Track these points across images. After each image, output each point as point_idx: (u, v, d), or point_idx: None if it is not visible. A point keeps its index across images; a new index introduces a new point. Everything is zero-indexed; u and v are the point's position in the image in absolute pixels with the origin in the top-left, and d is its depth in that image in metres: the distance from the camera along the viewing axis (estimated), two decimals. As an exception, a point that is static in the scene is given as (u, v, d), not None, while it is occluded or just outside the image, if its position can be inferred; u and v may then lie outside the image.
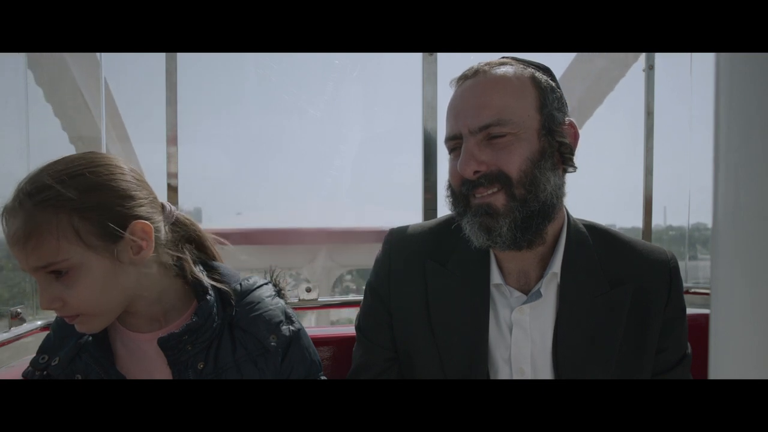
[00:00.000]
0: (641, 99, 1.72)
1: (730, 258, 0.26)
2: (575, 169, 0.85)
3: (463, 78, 0.86)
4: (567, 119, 0.85)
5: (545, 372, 0.85)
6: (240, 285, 0.86)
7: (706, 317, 1.29)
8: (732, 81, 0.26)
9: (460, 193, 0.84)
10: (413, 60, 1.55)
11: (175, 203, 1.38)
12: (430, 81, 1.50)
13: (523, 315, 0.84)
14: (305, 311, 1.49)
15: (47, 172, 0.69)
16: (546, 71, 0.86)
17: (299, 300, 1.43)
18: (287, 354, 0.83)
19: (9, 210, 0.68)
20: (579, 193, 0.93)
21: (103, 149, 1.49)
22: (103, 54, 1.49)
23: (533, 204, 0.80)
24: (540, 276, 0.86)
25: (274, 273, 0.94)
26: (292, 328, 0.85)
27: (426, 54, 1.50)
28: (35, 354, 0.79)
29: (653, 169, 1.70)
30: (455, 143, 0.85)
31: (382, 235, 1.00)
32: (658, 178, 1.71)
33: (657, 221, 1.72)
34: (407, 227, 0.98)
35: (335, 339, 1.16)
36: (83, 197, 0.69)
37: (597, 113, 2.12)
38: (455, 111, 0.84)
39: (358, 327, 0.97)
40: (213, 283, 0.82)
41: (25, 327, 1.20)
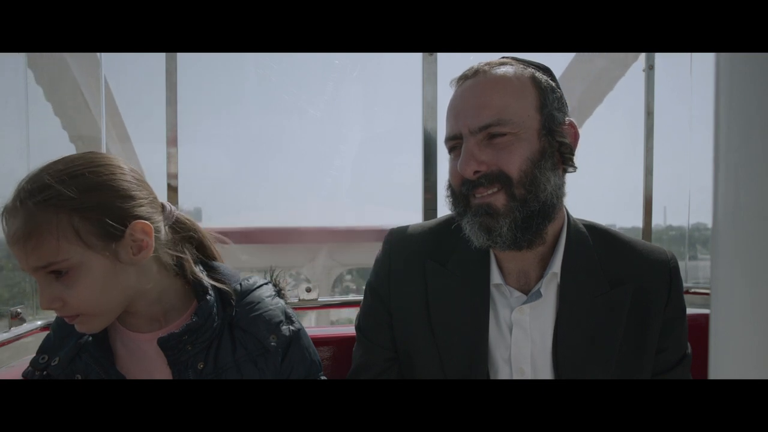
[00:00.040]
0: (641, 99, 1.72)
1: (730, 258, 0.26)
2: (575, 169, 0.85)
3: (463, 78, 0.86)
4: (567, 119, 0.85)
5: (545, 372, 0.85)
6: (240, 285, 0.86)
7: (706, 317, 1.29)
8: (732, 81, 0.26)
9: (460, 193, 0.84)
10: (413, 60, 1.55)
11: (175, 203, 1.38)
12: (430, 81, 1.50)
13: (523, 315, 0.84)
14: (305, 311, 1.49)
15: (47, 171, 0.69)
16: (546, 71, 0.86)
17: (299, 300, 1.43)
18: (287, 354, 0.83)
19: (9, 210, 0.68)
20: (579, 193, 0.93)
21: (103, 149, 1.49)
22: (103, 54, 1.49)
23: (533, 204, 0.80)
24: (540, 276, 0.86)
25: (274, 273, 0.94)
26: (292, 328, 0.85)
27: (426, 54, 1.50)
28: (35, 354, 0.79)
29: (653, 169, 1.70)
30: (455, 143, 0.85)
31: (382, 234, 1.00)
32: (658, 178, 1.71)
33: (657, 221, 1.72)
34: (407, 227, 0.98)
35: (335, 339, 1.16)
36: (83, 197, 0.69)
37: (597, 113, 2.12)
38: (455, 111, 0.84)
39: (358, 327, 0.97)
40: (213, 283, 0.82)
41: (25, 327, 1.20)
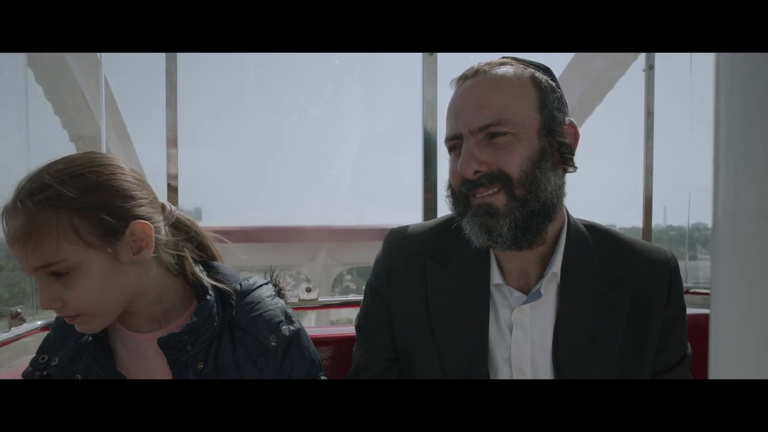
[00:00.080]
0: (641, 99, 1.72)
1: (730, 258, 0.26)
2: (575, 169, 0.85)
3: (464, 78, 0.86)
4: (567, 119, 0.85)
5: (545, 372, 0.85)
6: (240, 285, 0.86)
7: (706, 317, 1.29)
8: (732, 81, 0.26)
9: (460, 193, 0.84)
10: (413, 60, 1.55)
11: (176, 203, 1.38)
12: (430, 81, 1.50)
13: (523, 315, 0.84)
14: (305, 311, 1.49)
15: (47, 171, 0.69)
16: (546, 71, 0.86)
17: (299, 300, 1.43)
18: (287, 354, 0.83)
19: (9, 209, 0.68)
20: (579, 193, 0.93)
21: (103, 148, 1.49)
22: (103, 54, 1.49)
23: (534, 204, 0.80)
24: (540, 276, 0.86)
25: (274, 273, 0.94)
26: (292, 328, 0.85)
27: (426, 54, 1.50)
28: (35, 354, 0.79)
29: (653, 169, 1.70)
30: (455, 143, 0.85)
31: (382, 234, 1.00)
32: (658, 178, 1.71)
33: (657, 221, 1.72)
34: (407, 227, 0.98)
35: (335, 339, 1.16)
36: (83, 197, 0.69)
37: (597, 113, 2.12)
38: (455, 111, 0.84)
39: (358, 327, 0.97)
40: (213, 283, 0.82)
41: (25, 327, 1.20)
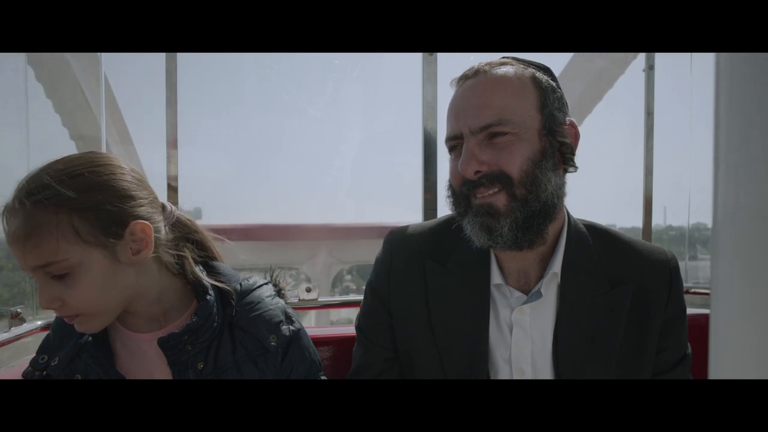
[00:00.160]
0: (641, 99, 1.72)
1: (730, 258, 0.26)
2: (576, 169, 0.85)
3: (464, 78, 0.86)
4: (568, 119, 0.85)
5: (545, 372, 0.85)
6: (240, 285, 0.86)
7: (706, 317, 1.28)
8: (732, 81, 0.26)
9: (460, 193, 0.84)
10: (413, 60, 1.55)
11: (176, 203, 1.38)
12: (430, 81, 1.50)
13: (524, 315, 0.84)
14: (305, 311, 1.49)
15: (47, 171, 0.69)
16: (546, 71, 0.86)
17: (299, 300, 1.43)
18: (287, 354, 0.83)
19: (9, 209, 0.68)
20: (579, 193, 0.93)
21: (103, 148, 1.49)
22: (104, 53, 1.49)
23: (534, 204, 0.80)
24: (540, 276, 0.86)
25: (274, 273, 0.94)
26: (292, 327, 0.85)
27: (426, 54, 1.50)
28: (35, 354, 0.79)
29: (653, 169, 1.70)
30: (456, 143, 0.85)
31: (382, 232, 1.00)
32: (658, 178, 1.70)
33: (657, 221, 1.72)
34: (407, 227, 0.98)
35: (335, 339, 1.16)
36: (83, 197, 0.69)
37: (597, 113, 2.11)
38: (456, 111, 0.84)
39: (358, 327, 0.97)
40: (213, 283, 0.82)
41: (25, 327, 1.20)
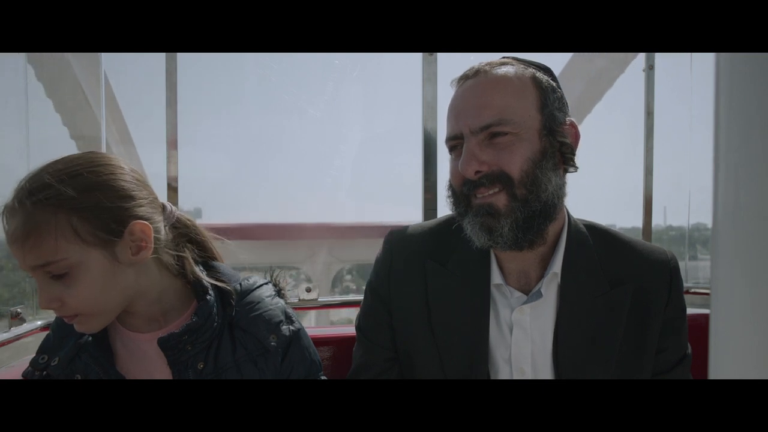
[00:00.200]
0: (641, 99, 1.72)
1: (730, 258, 0.26)
2: (576, 169, 0.85)
3: (464, 78, 0.86)
4: (568, 119, 0.85)
5: (545, 372, 0.85)
6: (240, 285, 0.86)
7: (706, 317, 1.28)
8: (732, 81, 0.26)
9: (461, 193, 0.84)
10: (413, 60, 1.55)
11: (176, 203, 1.38)
12: (430, 81, 1.50)
13: (524, 315, 0.84)
14: (305, 311, 1.49)
15: (47, 171, 0.69)
16: (547, 71, 0.86)
17: (299, 300, 1.43)
18: (287, 354, 0.83)
19: (8, 209, 0.68)
20: (579, 193, 0.93)
21: (103, 147, 1.49)
22: (104, 53, 1.49)
23: (534, 204, 0.80)
24: (540, 276, 0.86)
25: (274, 273, 0.94)
26: (292, 327, 0.85)
27: (426, 54, 1.50)
28: (35, 354, 0.79)
29: (653, 169, 1.70)
30: (456, 143, 0.85)
31: (382, 231, 1.00)
32: (658, 178, 1.70)
33: (657, 221, 1.72)
34: (407, 227, 0.98)
35: (335, 339, 1.16)
36: (82, 197, 0.69)
37: (597, 113, 2.11)
38: (456, 111, 0.84)
39: (358, 327, 0.97)
40: (213, 283, 0.82)
41: (25, 327, 1.20)
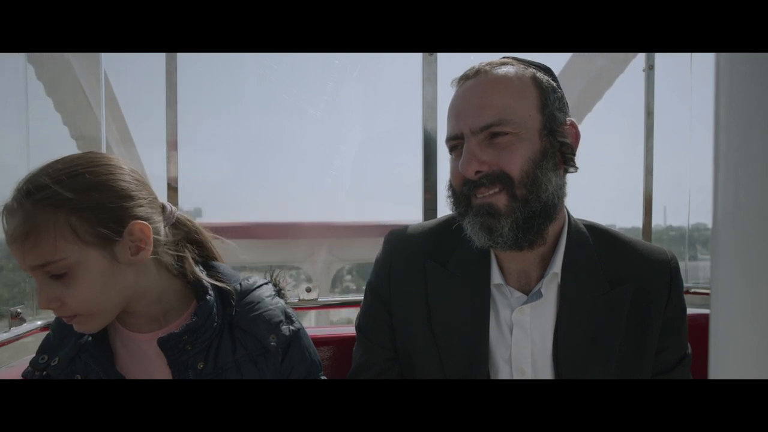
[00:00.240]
0: (641, 99, 1.72)
1: (730, 258, 0.26)
2: (576, 170, 0.85)
3: (464, 78, 0.86)
4: (568, 119, 0.85)
5: (545, 372, 0.85)
6: (240, 285, 0.86)
7: (706, 317, 1.28)
8: (732, 81, 0.26)
9: (461, 193, 0.84)
10: (413, 60, 1.55)
11: (176, 203, 1.38)
12: (430, 81, 1.50)
13: (524, 315, 0.84)
14: (305, 311, 1.49)
15: (46, 171, 0.69)
16: (547, 71, 0.86)
17: (299, 300, 1.43)
18: (287, 354, 0.83)
19: (8, 209, 0.68)
20: (579, 193, 0.93)
21: (103, 147, 1.49)
22: (104, 53, 1.49)
23: (535, 204, 0.80)
24: (540, 276, 0.86)
25: (274, 273, 0.94)
26: (292, 327, 0.85)
27: (426, 54, 1.50)
28: (35, 354, 0.79)
29: (653, 169, 1.70)
30: (456, 143, 0.85)
31: (382, 231, 1.00)
32: (658, 178, 1.70)
33: (657, 221, 1.72)
34: (407, 227, 0.98)
35: (335, 339, 1.16)
36: (82, 197, 0.69)
37: (597, 113, 2.11)
38: (456, 111, 0.84)
39: (358, 327, 0.97)
40: (213, 283, 0.82)
41: (25, 327, 1.20)
